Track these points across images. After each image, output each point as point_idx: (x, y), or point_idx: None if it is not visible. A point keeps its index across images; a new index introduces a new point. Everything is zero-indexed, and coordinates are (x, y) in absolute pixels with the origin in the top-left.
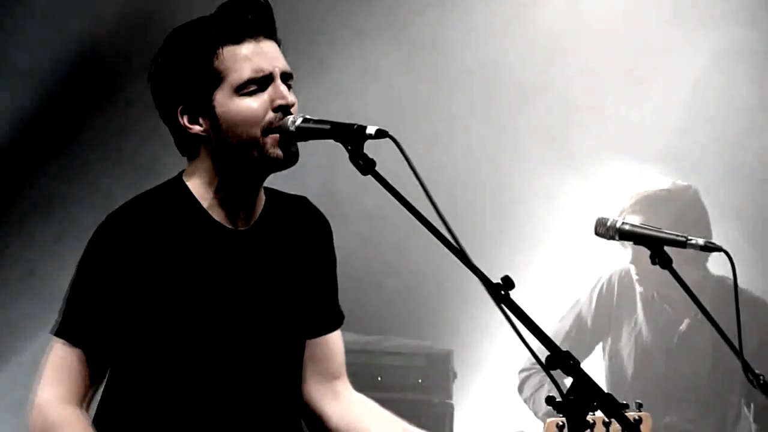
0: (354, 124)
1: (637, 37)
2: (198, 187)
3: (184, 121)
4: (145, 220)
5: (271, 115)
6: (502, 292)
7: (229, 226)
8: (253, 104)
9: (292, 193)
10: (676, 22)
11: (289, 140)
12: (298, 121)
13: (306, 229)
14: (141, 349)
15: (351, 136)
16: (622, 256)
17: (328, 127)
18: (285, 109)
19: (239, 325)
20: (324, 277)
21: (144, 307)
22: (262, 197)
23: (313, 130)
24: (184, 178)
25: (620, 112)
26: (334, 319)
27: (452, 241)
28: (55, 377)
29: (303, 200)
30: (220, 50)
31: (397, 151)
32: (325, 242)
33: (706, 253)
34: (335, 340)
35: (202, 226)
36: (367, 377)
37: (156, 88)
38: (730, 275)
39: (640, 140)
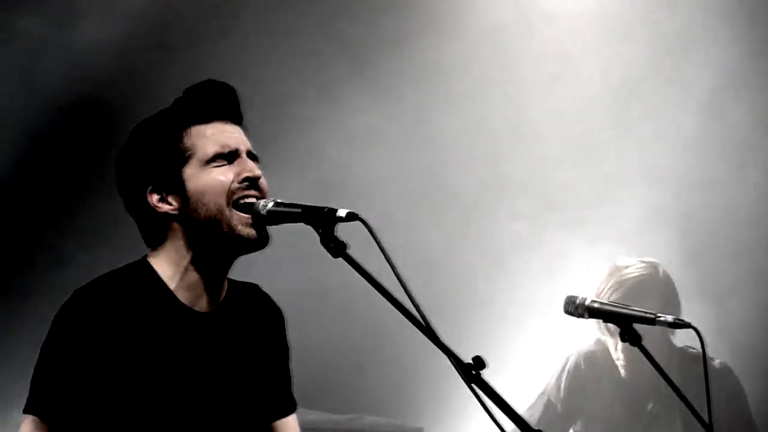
0: (325, 207)
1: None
2: (165, 268)
3: (154, 200)
4: (111, 299)
5: (236, 185)
6: (473, 372)
7: (194, 308)
8: (220, 175)
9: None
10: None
11: (260, 223)
12: (270, 205)
13: (261, 316)
14: (105, 428)
15: (322, 220)
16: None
17: (299, 210)
18: (252, 182)
19: (201, 406)
20: (278, 364)
21: (108, 385)
22: (226, 281)
23: (285, 214)
24: (150, 260)
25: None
26: (287, 406)
27: (422, 321)
28: None
29: (255, 287)
30: (189, 129)
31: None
32: (279, 330)
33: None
34: (290, 425)
35: (168, 307)
36: None
37: (124, 172)
38: (690, 343)
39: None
